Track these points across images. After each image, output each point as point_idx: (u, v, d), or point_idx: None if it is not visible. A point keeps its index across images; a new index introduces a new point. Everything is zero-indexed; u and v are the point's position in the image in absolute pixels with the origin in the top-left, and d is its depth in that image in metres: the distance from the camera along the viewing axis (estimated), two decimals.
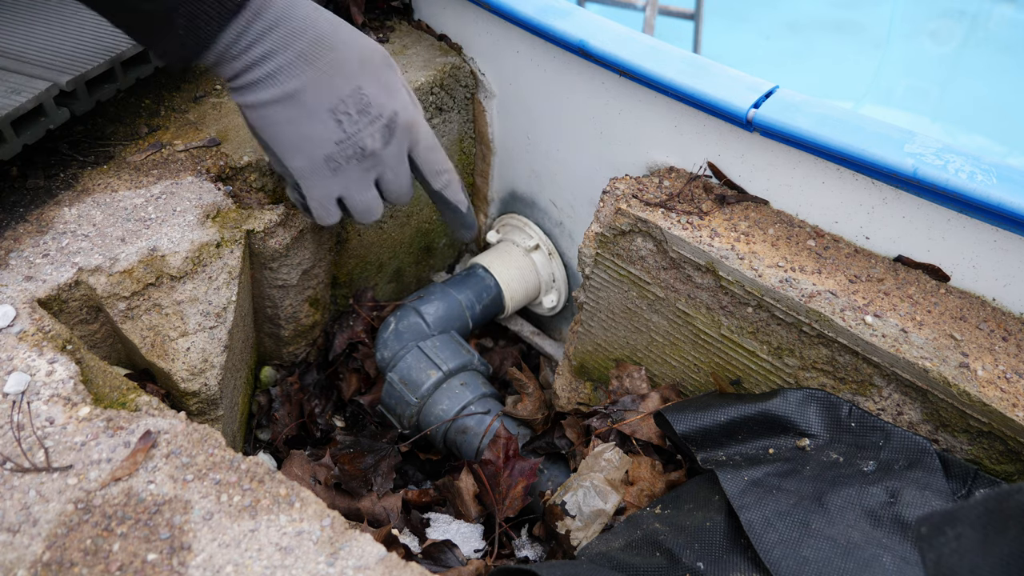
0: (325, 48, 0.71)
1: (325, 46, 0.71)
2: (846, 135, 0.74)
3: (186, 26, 0.65)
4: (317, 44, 0.70)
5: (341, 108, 0.73)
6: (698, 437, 0.76)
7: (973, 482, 0.68)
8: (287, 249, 0.93)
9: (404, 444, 1.05)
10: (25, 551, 0.54)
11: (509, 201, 1.25)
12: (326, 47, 0.71)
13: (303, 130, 0.73)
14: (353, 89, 0.73)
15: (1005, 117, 3.28)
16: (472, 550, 0.90)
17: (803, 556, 0.61)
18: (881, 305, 0.74)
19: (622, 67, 0.88)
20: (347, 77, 0.73)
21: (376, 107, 0.75)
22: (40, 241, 0.79)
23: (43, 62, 0.85)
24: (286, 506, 0.58)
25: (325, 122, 0.73)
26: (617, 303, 0.92)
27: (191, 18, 0.65)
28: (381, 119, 0.75)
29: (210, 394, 0.80)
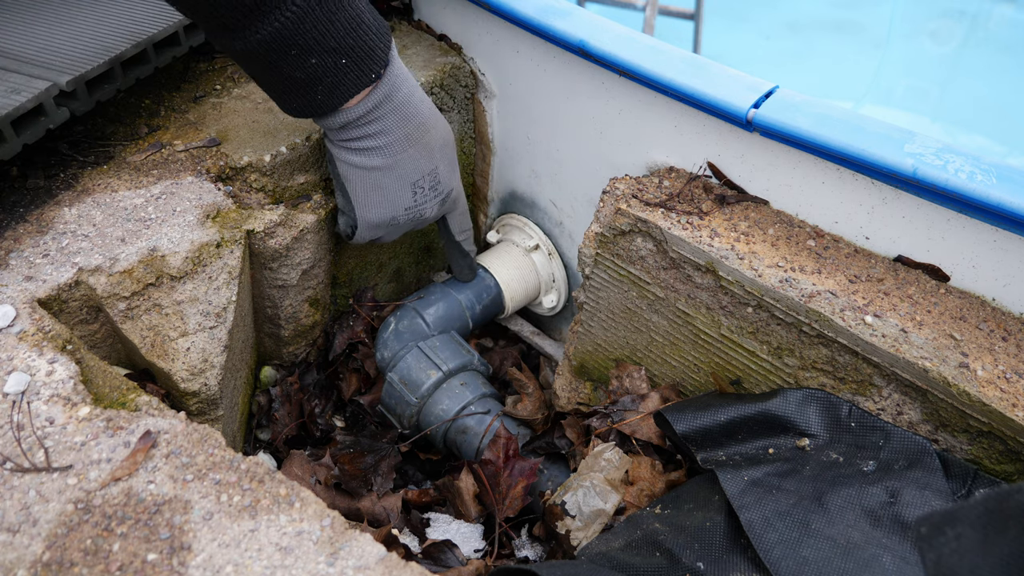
0: (424, 131, 0.86)
1: (424, 129, 0.86)
2: (846, 135, 0.74)
3: (326, 92, 0.77)
4: (420, 128, 0.85)
5: (419, 183, 0.90)
6: (698, 437, 0.76)
7: (973, 482, 0.68)
8: (287, 249, 0.93)
9: (404, 444, 1.05)
10: (25, 551, 0.54)
11: (509, 201, 1.25)
12: (424, 130, 0.86)
13: (388, 196, 0.88)
14: (432, 169, 0.90)
15: (1005, 117, 3.28)
16: (472, 550, 0.91)
17: (803, 556, 0.61)
18: (881, 305, 0.74)
19: (622, 67, 0.88)
20: (431, 158, 0.89)
21: (442, 185, 0.93)
22: (40, 241, 0.79)
23: (43, 62, 0.85)
24: (286, 506, 0.58)
25: (405, 192, 0.89)
26: (617, 303, 0.92)
27: (332, 87, 0.76)
28: (441, 195, 0.94)
29: (210, 394, 0.80)
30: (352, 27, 0.73)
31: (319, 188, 0.99)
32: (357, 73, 0.76)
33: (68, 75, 0.83)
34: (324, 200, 0.98)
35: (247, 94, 1.04)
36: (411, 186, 0.89)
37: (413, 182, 0.88)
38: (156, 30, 0.92)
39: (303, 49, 0.72)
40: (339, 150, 0.85)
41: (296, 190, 0.97)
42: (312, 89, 0.75)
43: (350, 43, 0.74)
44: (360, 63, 0.76)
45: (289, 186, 0.96)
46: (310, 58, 0.73)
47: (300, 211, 0.94)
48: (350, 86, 0.77)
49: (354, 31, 0.74)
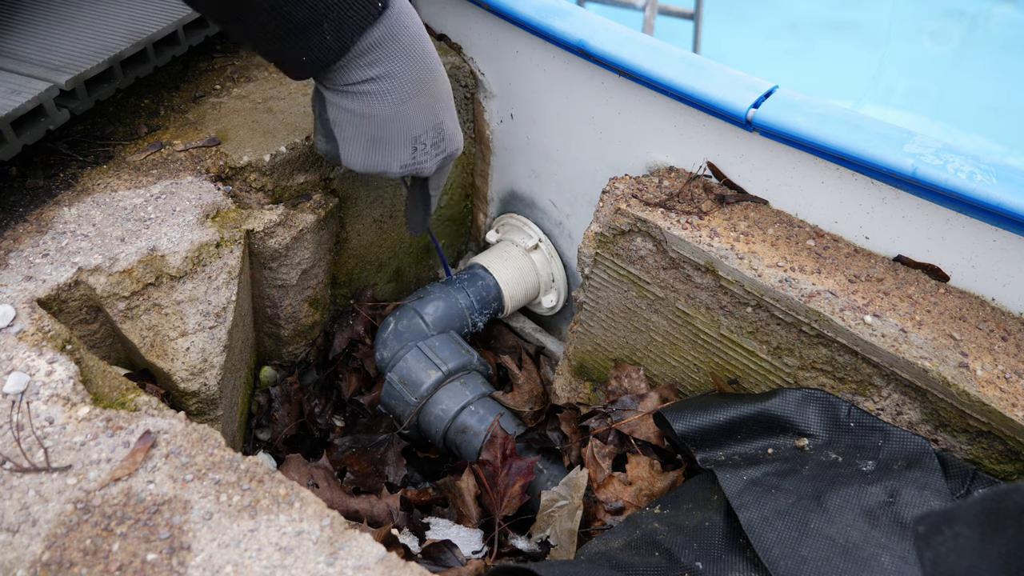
0: (434, 77, 0.76)
1: (434, 75, 0.76)
2: (846, 135, 0.74)
3: (333, 30, 0.68)
4: (430, 73, 0.75)
5: (422, 138, 0.79)
6: (697, 437, 0.76)
7: (972, 482, 0.68)
8: (287, 249, 0.93)
9: (400, 428, 1.05)
10: (25, 551, 0.54)
11: (509, 201, 1.25)
12: (434, 76, 0.76)
13: (383, 149, 0.78)
14: (438, 123, 0.79)
15: (1005, 117, 3.28)
16: (471, 551, 0.91)
17: (802, 555, 0.61)
18: (881, 305, 0.74)
19: (622, 67, 0.88)
20: (438, 110, 0.78)
21: (446, 142, 0.82)
22: (40, 241, 0.79)
23: (42, 61, 0.85)
24: (286, 506, 0.58)
25: (404, 147, 0.78)
26: (616, 303, 0.93)
27: (339, 23, 0.68)
28: (444, 153, 0.83)
29: (210, 394, 0.80)
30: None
31: (319, 188, 0.99)
32: (362, 2, 0.68)
33: (67, 74, 0.83)
34: (324, 200, 0.98)
35: (247, 94, 1.04)
36: (412, 140, 0.78)
37: (415, 136, 0.78)
38: (156, 29, 0.92)
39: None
40: (333, 93, 0.75)
41: (296, 190, 0.97)
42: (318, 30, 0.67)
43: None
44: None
45: (289, 186, 0.96)
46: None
47: (300, 211, 0.94)
48: (356, 18, 0.68)
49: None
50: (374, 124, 0.75)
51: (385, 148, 0.78)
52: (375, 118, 0.75)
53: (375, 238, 1.14)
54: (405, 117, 0.76)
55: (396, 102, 0.74)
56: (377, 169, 0.80)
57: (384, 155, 0.78)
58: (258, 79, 1.07)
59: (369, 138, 0.77)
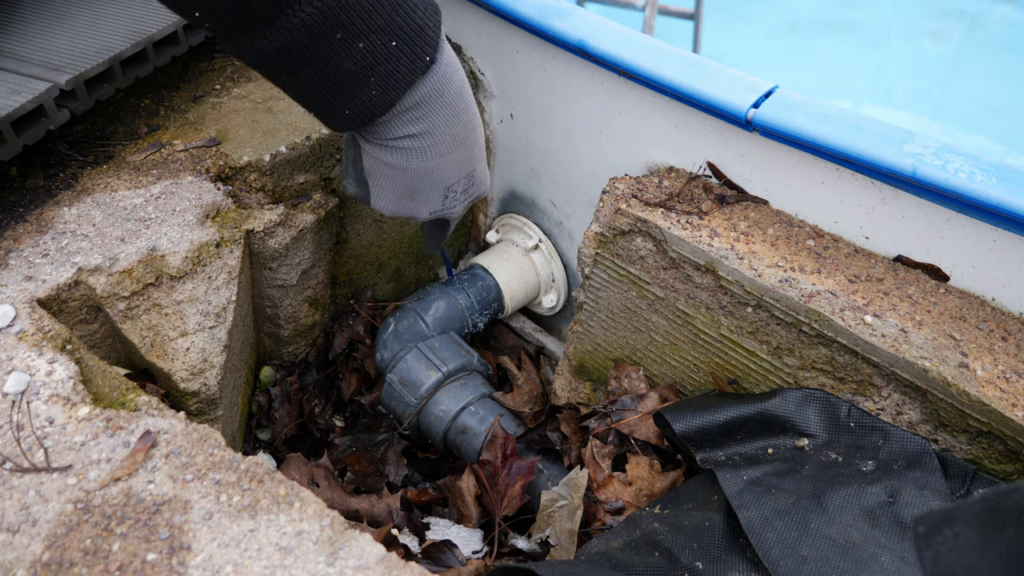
0: (470, 131, 0.76)
1: (471, 128, 0.76)
2: (846, 135, 0.74)
3: (380, 84, 0.67)
4: (468, 127, 0.75)
5: (454, 187, 0.79)
6: (697, 437, 0.76)
7: (972, 482, 0.68)
8: (287, 249, 0.93)
9: (401, 429, 1.05)
10: (25, 551, 0.54)
11: (509, 201, 1.25)
12: (471, 129, 0.76)
13: (414, 200, 0.78)
14: (470, 172, 0.79)
15: (1005, 117, 3.28)
16: (471, 551, 0.91)
17: (802, 555, 0.61)
18: (881, 305, 0.74)
19: (622, 67, 0.88)
20: (471, 160, 0.78)
21: (476, 187, 0.82)
22: (40, 241, 0.79)
23: (42, 61, 0.85)
24: (286, 506, 0.58)
25: (435, 197, 0.79)
26: (617, 303, 0.92)
27: (387, 77, 0.67)
28: (473, 196, 0.83)
29: (210, 394, 0.80)
30: (399, 2, 0.65)
31: (319, 188, 0.99)
32: (411, 57, 0.67)
33: (67, 74, 0.83)
34: (324, 200, 0.98)
35: (247, 94, 1.04)
36: (444, 190, 0.79)
37: (447, 186, 0.78)
38: (155, 29, 0.92)
39: (349, 30, 0.63)
40: (371, 146, 0.74)
41: (296, 190, 0.97)
42: (364, 83, 0.66)
43: (398, 21, 0.65)
44: (412, 44, 0.66)
45: (289, 186, 0.96)
46: (357, 41, 0.64)
47: (300, 211, 0.94)
48: (405, 73, 0.67)
49: (401, 5, 0.65)
50: (410, 177, 0.76)
51: (417, 198, 0.78)
52: (412, 172, 0.75)
53: (375, 238, 1.14)
54: (440, 170, 0.76)
55: (434, 157, 0.74)
56: (406, 215, 0.81)
57: (415, 204, 0.79)
58: (258, 79, 1.07)
59: (403, 188, 0.77)
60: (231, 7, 0.60)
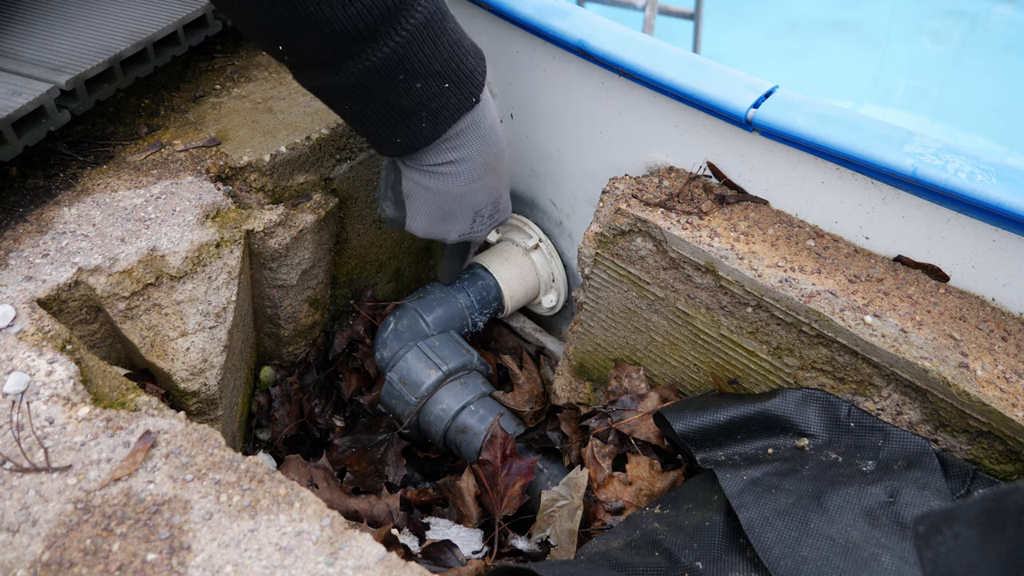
0: (500, 159, 0.84)
1: (500, 157, 0.84)
2: (846, 135, 0.74)
3: (430, 118, 0.75)
4: (498, 156, 0.83)
5: (482, 212, 0.87)
6: (697, 437, 0.76)
7: (972, 482, 0.68)
8: (287, 249, 0.93)
9: (401, 428, 1.05)
10: (25, 551, 0.54)
11: None
12: (500, 158, 0.84)
13: (448, 220, 0.86)
14: (496, 198, 0.88)
15: (1005, 117, 3.28)
16: (471, 551, 0.91)
17: (802, 555, 0.61)
18: (881, 305, 0.74)
19: (622, 67, 0.88)
20: (498, 187, 0.87)
21: (501, 213, 0.91)
22: (40, 241, 0.79)
23: (42, 62, 0.85)
24: (286, 506, 0.58)
25: (465, 220, 0.87)
26: (617, 303, 0.92)
27: (437, 111, 0.75)
28: (498, 221, 0.92)
29: (210, 394, 0.80)
30: (455, 50, 0.73)
31: (319, 188, 0.99)
32: (459, 97, 0.75)
33: (67, 74, 0.83)
34: (324, 200, 0.98)
35: (247, 94, 1.04)
36: (474, 214, 0.87)
37: (477, 210, 0.86)
38: (156, 29, 0.92)
39: (410, 74, 0.71)
40: (411, 171, 0.82)
41: (296, 190, 0.97)
42: (416, 117, 0.74)
43: (453, 66, 0.73)
44: (461, 86, 0.75)
45: (289, 186, 0.96)
46: (415, 83, 0.71)
47: (300, 211, 0.94)
48: (452, 111, 0.75)
49: (456, 54, 0.74)
50: (444, 200, 0.83)
51: (449, 220, 0.86)
52: (448, 195, 0.82)
53: (375, 238, 1.14)
54: (472, 195, 0.84)
55: (468, 182, 0.82)
56: (438, 236, 0.88)
57: (447, 225, 0.87)
58: (258, 79, 1.07)
59: (437, 211, 0.85)
60: (312, 50, 0.67)
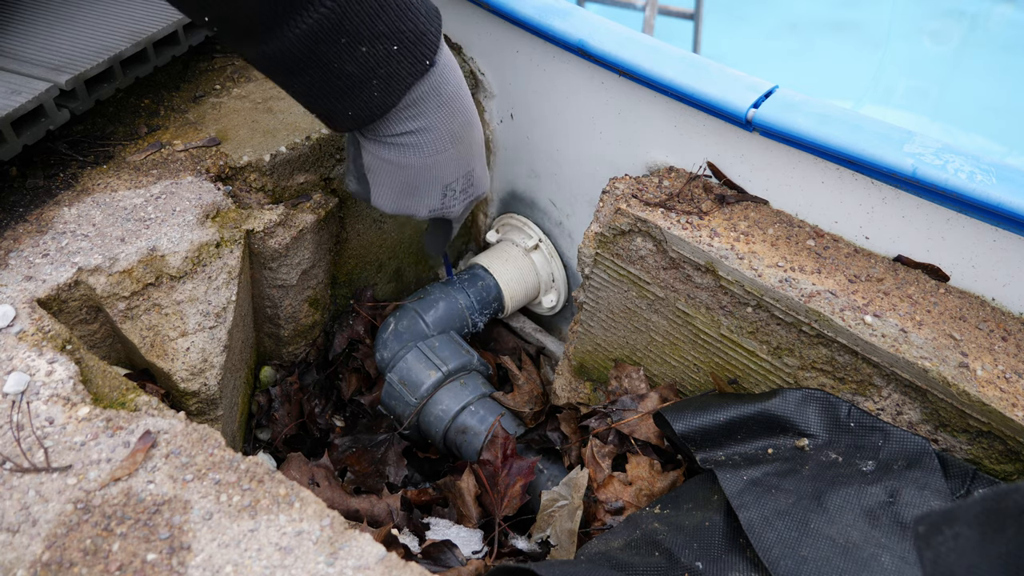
0: (468, 128, 0.77)
1: (469, 127, 0.77)
2: (846, 135, 0.74)
3: (381, 86, 0.69)
4: (465, 126, 0.77)
5: (452, 185, 0.80)
6: (697, 437, 0.76)
7: (972, 482, 0.68)
8: (287, 249, 0.93)
9: (401, 429, 1.05)
10: (25, 551, 0.54)
11: (509, 201, 1.25)
12: (469, 127, 0.77)
13: (414, 195, 0.80)
14: (468, 171, 0.81)
15: (1005, 117, 3.28)
16: (471, 551, 0.91)
17: (802, 555, 0.61)
18: (881, 305, 0.74)
19: (622, 67, 0.88)
20: (470, 159, 0.80)
21: (475, 187, 0.84)
22: (40, 241, 0.79)
23: (42, 61, 0.85)
24: (286, 506, 0.58)
25: (434, 194, 0.80)
26: (617, 303, 0.92)
27: (388, 78, 0.69)
28: (472, 196, 0.85)
29: (210, 394, 0.80)
30: (401, 9, 0.67)
31: (319, 188, 0.99)
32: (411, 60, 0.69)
33: (67, 74, 0.83)
34: (324, 200, 0.98)
35: (247, 94, 1.04)
36: (443, 188, 0.80)
37: (446, 184, 0.80)
38: (155, 29, 0.92)
39: (353, 36, 0.65)
40: (370, 143, 0.76)
41: (296, 190, 0.97)
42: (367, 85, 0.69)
43: (400, 26, 0.67)
44: (413, 48, 0.69)
45: (289, 186, 0.96)
46: (360, 46, 0.66)
47: (300, 211, 0.94)
48: (405, 76, 0.70)
49: (403, 12, 0.67)
50: (408, 173, 0.77)
51: (416, 195, 0.80)
52: (410, 168, 0.77)
53: (375, 238, 1.14)
54: (438, 167, 0.78)
55: (431, 153, 0.76)
56: (406, 212, 0.83)
57: (414, 200, 0.81)
58: (258, 79, 1.07)
59: (402, 185, 0.79)
60: (239, 13, 0.62)
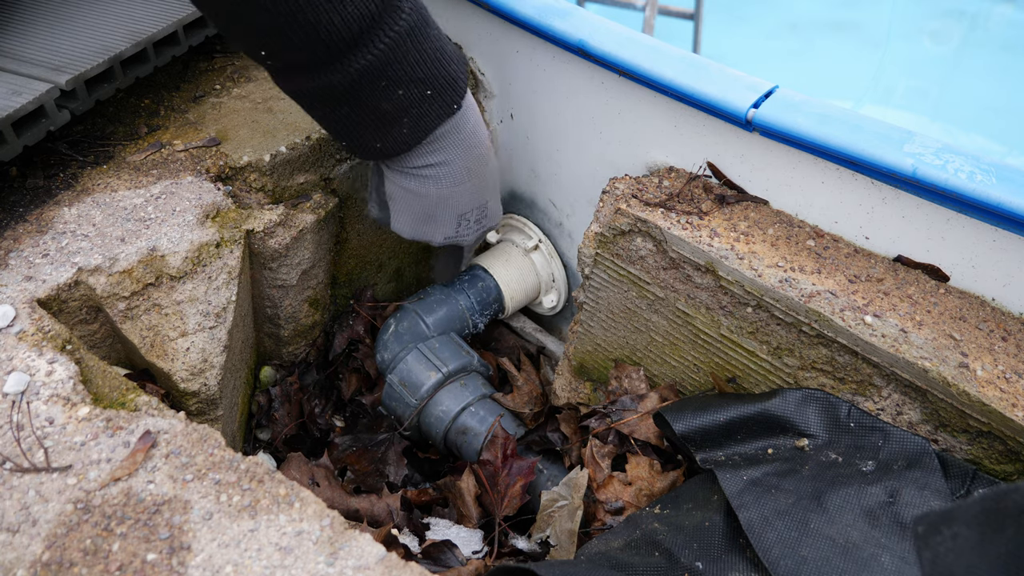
0: (483, 164, 0.84)
1: (483, 162, 0.84)
2: (846, 135, 0.74)
3: (411, 124, 0.75)
4: (480, 160, 0.83)
5: (467, 216, 0.87)
6: (697, 437, 0.76)
7: (972, 482, 0.68)
8: (287, 249, 0.93)
9: (401, 430, 1.05)
10: (25, 551, 0.54)
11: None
12: (483, 163, 0.84)
13: (431, 224, 0.86)
14: (483, 203, 0.88)
15: (1005, 117, 3.28)
16: (471, 551, 0.91)
17: (802, 555, 0.61)
18: (881, 305, 0.74)
19: (622, 67, 0.88)
20: (484, 192, 0.87)
21: (489, 219, 0.91)
22: (40, 241, 0.79)
23: (42, 61, 0.85)
24: (286, 506, 0.58)
25: (449, 223, 0.87)
26: (617, 303, 0.93)
27: (419, 117, 0.75)
28: (485, 227, 0.91)
29: (210, 394, 0.80)
30: (438, 56, 0.73)
31: (319, 188, 0.99)
32: (441, 103, 0.76)
33: (67, 74, 0.83)
34: (324, 200, 0.98)
35: (247, 94, 1.04)
36: (458, 217, 0.87)
37: (461, 214, 0.87)
38: (156, 29, 0.92)
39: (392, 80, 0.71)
40: (393, 173, 0.82)
41: (296, 190, 0.97)
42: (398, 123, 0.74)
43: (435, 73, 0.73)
44: (443, 93, 0.75)
45: (289, 186, 0.96)
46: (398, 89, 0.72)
47: (300, 211, 0.94)
48: (434, 117, 0.76)
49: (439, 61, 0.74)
50: (427, 203, 0.83)
51: (433, 223, 0.86)
52: (428, 198, 0.83)
53: (375, 238, 1.14)
54: (455, 199, 0.84)
55: (449, 185, 0.82)
56: (422, 239, 0.89)
57: (431, 228, 0.87)
58: (258, 79, 1.07)
59: (420, 213, 0.85)
60: (296, 52, 0.66)
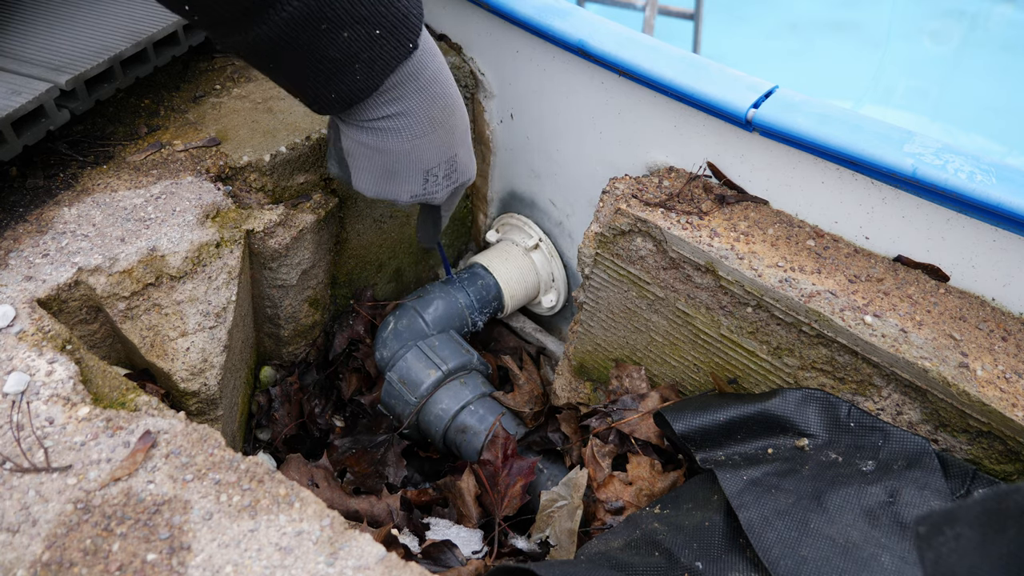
0: (449, 113, 0.77)
1: (450, 111, 0.77)
2: (846, 135, 0.74)
3: (364, 70, 0.69)
4: (446, 110, 0.76)
5: (434, 171, 0.80)
6: (697, 437, 0.76)
7: (972, 482, 0.68)
8: (287, 249, 0.93)
9: (400, 428, 1.05)
10: (25, 551, 0.54)
11: (509, 201, 1.25)
12: (450, 112, 0.77)
13: (393, 181, 0.79)
14: (451, 156, 0.80)
15: (1005, 117, 3.28)
16: (471, 551, 0.91)
17: (802, 555, 0.61)
18: (881, 305, 0.74)
19: (622, 67, 0.88)
20: (451, 144, 0.79)
21: (459, 173, 0.83)
22: (40, 241, 0.79)
23: (42, 61, 0.85)
24: (286, 506, 0.58)
25: (415, 179, 0.79)
26: (617, 303, 0.92)
27: (370, 63, 0.69)
28: (456, 183, 0.84)
29: (210, 394, 0.80)
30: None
31: (319, 188, 0.99)
32: (394, 44, 0.69)
33: (67, 74, 0.83)
34: (324, 200, 0.98)
35: (247, 94, 1.04)
36: (424, 173, 0.80)
37: (427, 169, 0.79)
38: (155, 29, 0.92)
39: (333, 21, 0.65)
40: (349, 127, 0.76)
41: (296, 190, 0.97)
42: (349, 68, 0.69)
43: (382, 10, 0.67)
44: (395, 32, 0.68)
45: (289, 186, 0.96)
46: (342, 31, 0.66)
47: (300, 211, 0.94)
48: (388, 60, 0.69)
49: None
50: (387, 158, 0.77)
51: (396, 179, 0.79)
52: (389, 152, 0.76)
53: (375, 238, 1.14)
54: (418, 152, 0.77)
55: (409, 138, 0.75)
56: (387, 197, 0.82)
57: (395, 185, 0.80)
58: (258, 79, 1.07)
59: (381, 170, 0.78)
60: (221, 3, 0.61)
